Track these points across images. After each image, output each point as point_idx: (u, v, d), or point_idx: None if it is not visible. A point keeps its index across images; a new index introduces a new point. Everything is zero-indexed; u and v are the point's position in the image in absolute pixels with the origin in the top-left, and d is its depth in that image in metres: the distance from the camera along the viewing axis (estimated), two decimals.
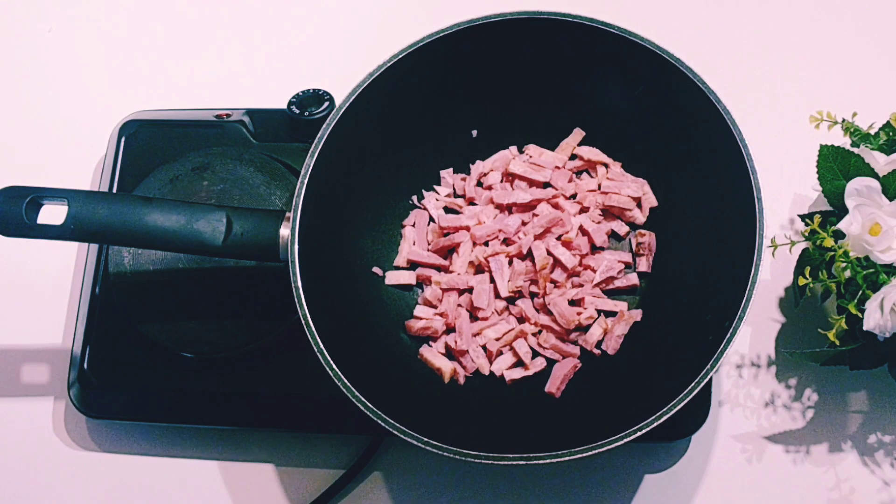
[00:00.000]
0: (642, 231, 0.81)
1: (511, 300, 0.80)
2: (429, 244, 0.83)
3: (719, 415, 0.80)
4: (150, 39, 1.00)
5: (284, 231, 0.74)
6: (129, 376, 0.83)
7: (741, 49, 0.93)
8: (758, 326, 0.82)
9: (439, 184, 0.85)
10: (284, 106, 0.86)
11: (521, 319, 0.80)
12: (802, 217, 0.77)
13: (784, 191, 0.86)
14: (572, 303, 0.79)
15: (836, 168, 0.75)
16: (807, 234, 0.74)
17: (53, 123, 0.97)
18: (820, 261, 0.73)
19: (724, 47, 0.93)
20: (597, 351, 0.78)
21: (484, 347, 0.79)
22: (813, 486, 0.77)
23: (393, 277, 0.82)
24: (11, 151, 0.96)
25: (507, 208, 0.82)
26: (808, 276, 0.73)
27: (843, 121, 0.77)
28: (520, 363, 0.78)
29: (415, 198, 0.84)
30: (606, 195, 0.81)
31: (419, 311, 0.80)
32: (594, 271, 0.79)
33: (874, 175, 0.74)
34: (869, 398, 0.79)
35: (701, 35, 0.93)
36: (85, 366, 0.82)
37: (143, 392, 0.83)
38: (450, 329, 0.80)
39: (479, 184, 0.84)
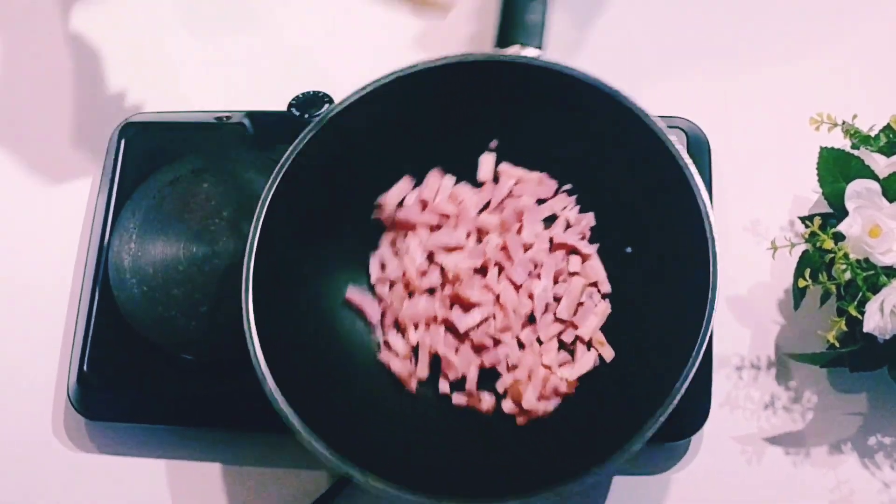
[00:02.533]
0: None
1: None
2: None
3: (719, 416, 0.79)
4: (150, 41, 1.00)
5: None
6: (129, 378, 0.83)
7: (742, 50, 0.93)
8: (757, 328, 0.82)
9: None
10: (285, 108, 0.86)
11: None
12: (802, 219, 0.77)
13: (784, 193, 0.86)
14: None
15: (837, 170, 0.75)
16: (807, 236, 0.74)
17: (54, 126, 0.97)
18: (820, 263, 0.73)
19: (725, 48, 0.93)
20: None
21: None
22: (813, 487, 0.77)
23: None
24: (12, 152, 0.96)
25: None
26: (807, 278, 0.73)
27: (844, 123, 0.77)
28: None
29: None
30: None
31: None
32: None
33: (874, 177, 0.74)
34: (869, 400, 0.79)
35: (702, 36, 0.93)
36: (85, 367, 0.82)
37: (142, 394, 0.83)
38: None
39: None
